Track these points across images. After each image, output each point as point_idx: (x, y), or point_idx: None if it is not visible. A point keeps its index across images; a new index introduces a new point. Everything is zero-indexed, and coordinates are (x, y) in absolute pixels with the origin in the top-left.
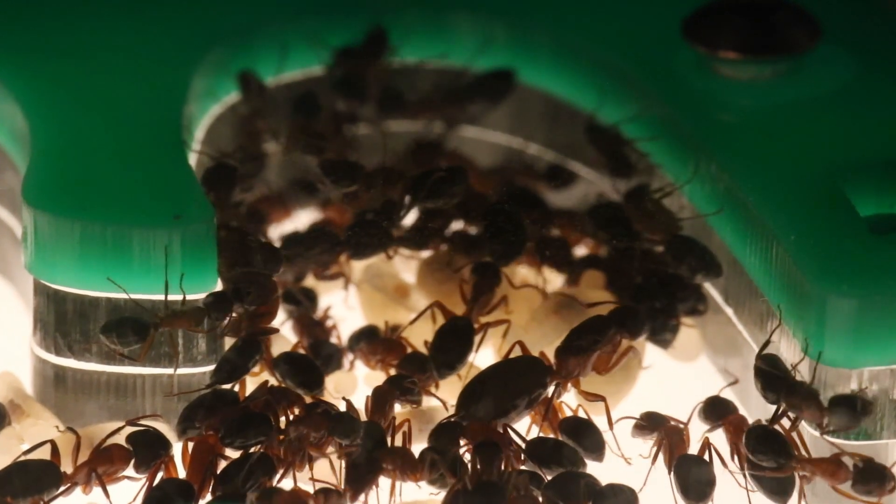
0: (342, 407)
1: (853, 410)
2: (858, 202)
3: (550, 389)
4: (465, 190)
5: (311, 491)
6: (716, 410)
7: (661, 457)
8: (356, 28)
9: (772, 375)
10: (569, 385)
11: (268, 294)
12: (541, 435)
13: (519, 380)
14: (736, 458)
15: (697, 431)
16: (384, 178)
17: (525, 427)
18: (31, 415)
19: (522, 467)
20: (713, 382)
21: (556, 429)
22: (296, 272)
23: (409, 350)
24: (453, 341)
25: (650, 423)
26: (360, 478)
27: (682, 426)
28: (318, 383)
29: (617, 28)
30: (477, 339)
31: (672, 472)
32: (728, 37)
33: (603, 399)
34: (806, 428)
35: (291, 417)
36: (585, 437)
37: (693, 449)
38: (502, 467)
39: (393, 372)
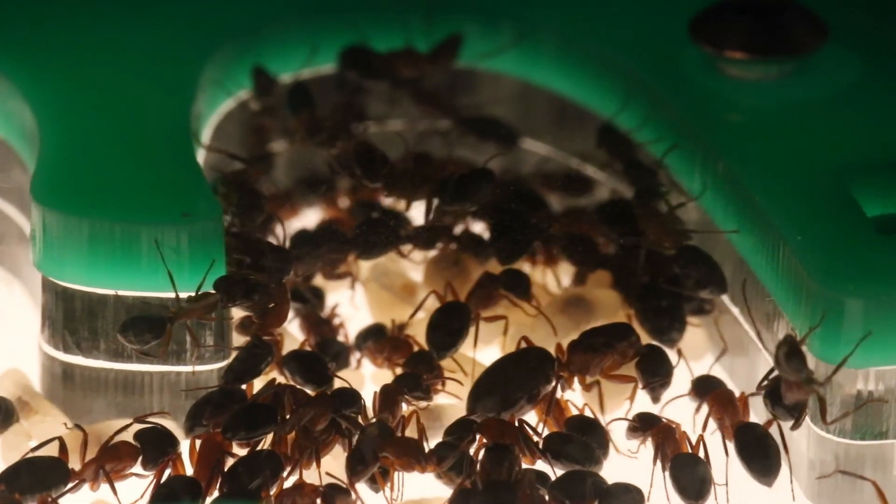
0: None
1: (786, 355)
2: (865, 202)
3: (555, 383)
4: (492, 192)
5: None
6: (702, 386)
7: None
8: (363, 27)
9: (773, 391)
10: (574, 383)
11: (275, 295)
12: (557, 430)
13: (525, 373)
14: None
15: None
16: (411, 179)
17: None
18: (39, 412)
19: (528, 465)
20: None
21: (562, 426)
22: (305, 271)
23: (416, 348)
24: (448, 320)
25: (643, 425)
26: (362, 463)
27: (674, 425)
28: (326, 379)
29: (624, 28)
30: (476, 332)
31: (668, 472)
32: (735, 37)
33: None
34: (811, 427)
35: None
36: (590, 435)
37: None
38: (513, 467)
39: (399, 370)
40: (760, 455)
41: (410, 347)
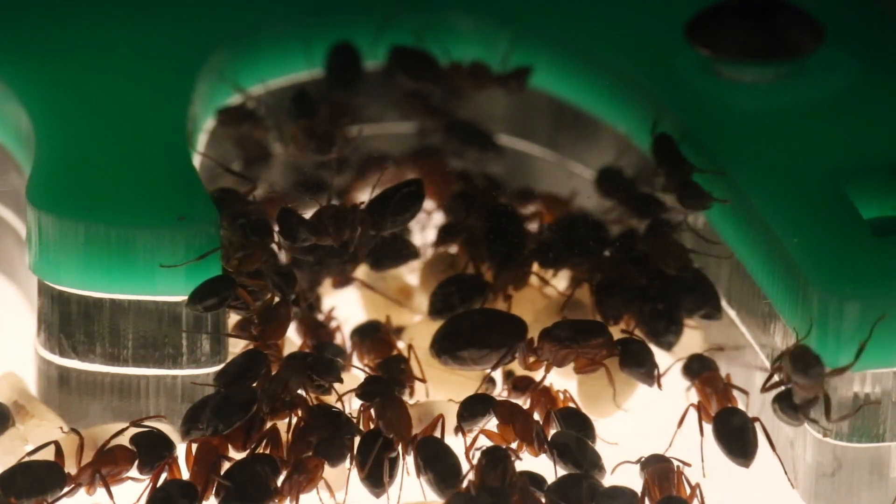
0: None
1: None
2: (861, 204)
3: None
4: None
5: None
6: (694, 367)
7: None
8: (359, 29)
9: (781, 396)
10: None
11: (279, 309)
12: (564, 430)
13: (491, 332)
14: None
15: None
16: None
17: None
18: (35, 416)
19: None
20: None
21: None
22: (309, 281)
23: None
24: (457, 285)
25: (646, 460)
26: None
27: (672, 467)
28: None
29: (620, 30)
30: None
31: None
32: (731, 40)
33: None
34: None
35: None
36: (580, 430)
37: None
38: (507, 471)
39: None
40: (736, 435)
41: (390, 350)
